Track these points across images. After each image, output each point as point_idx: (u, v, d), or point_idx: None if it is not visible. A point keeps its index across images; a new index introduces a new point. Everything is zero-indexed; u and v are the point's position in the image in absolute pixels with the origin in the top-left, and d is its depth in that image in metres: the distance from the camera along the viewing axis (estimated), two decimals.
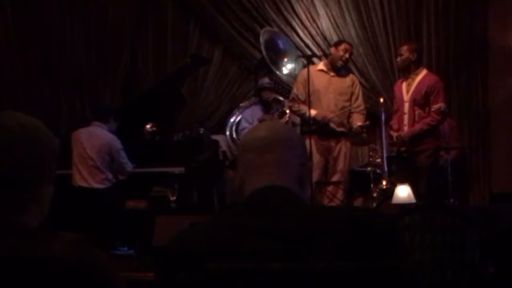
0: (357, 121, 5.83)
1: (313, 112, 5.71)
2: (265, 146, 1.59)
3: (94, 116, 5.99)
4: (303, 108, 5.80)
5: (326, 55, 6.97)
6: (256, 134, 1.64)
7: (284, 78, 6.74)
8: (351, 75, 6.13)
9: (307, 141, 5.53)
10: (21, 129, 1.39)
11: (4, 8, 7.21)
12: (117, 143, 5.73)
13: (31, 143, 1.39)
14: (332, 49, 6.00)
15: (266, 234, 1.45)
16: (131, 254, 5.10)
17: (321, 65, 6.01)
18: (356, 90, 5.99)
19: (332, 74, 5.89)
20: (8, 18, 7.20)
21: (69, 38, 7.37)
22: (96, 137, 5.69)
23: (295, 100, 5.91)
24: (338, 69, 5.91)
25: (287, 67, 6.78)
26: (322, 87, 5.82)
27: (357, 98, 5.96)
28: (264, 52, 6.58)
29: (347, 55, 5.92)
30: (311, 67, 5.94)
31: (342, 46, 5.93)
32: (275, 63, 6.67)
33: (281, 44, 6.84)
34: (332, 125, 5.78)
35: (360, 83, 7.05)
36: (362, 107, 5.97)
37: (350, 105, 5.91)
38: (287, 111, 6.45)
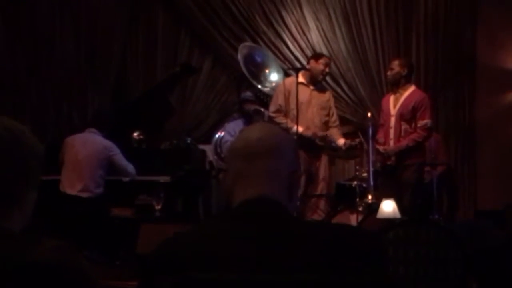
0: (337, 137, 5.88)
1: (300, 128, 5.68)
2: (253, 154, 1.56)
3: (91, 121, 5.96)
4: (288, 122, 5.77)
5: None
6: (246, 140, 1.60)
7: (268, 90, 6.72)
8: (327, 89, 6.20)
9: None
10: (6, 134, 1.39)
11: None
12: (113, 148, 5.69)
13: (16, 148, 1.39)
14: (312, 62, 5.97)
15: (251, 245, 1.45)
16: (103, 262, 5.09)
17: (300, 78, 5.91)
18: (332, 104, 6.08)
19: (312, 87, 5.89)
20: None
21: (58, 43, 7.35)
22: (92, 144, 5.63)
23: (280, 111, 5.88)
24: (316, 83, 5.91)
25: (271, 78, 6.77)
26: (305, 101, 5.81)
27: (333, 113, 6.04)
28: (243, 67, 6.59)
29: (327, 69, 5.95)
30: (291, 79, 5.96)
31: (322, 60, 5.94)
32: (256, 77, 6.67)
33: (258, 58, 6.84)
34: (317, 141, 5.80)
35: (348, 96, 7.12)
36: (338, 121, 6.07)
37: (328, 120, 5.96)
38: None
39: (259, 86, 6.61)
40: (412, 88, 5.77)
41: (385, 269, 1.52)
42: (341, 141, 5.83)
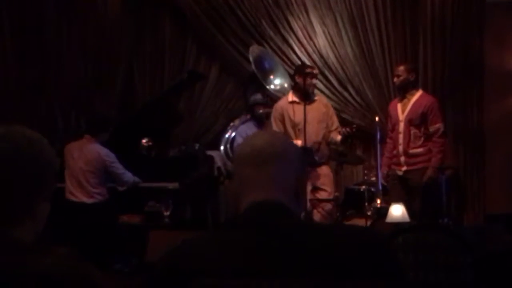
0: (335, 135, 5.82)
1: (298, 142, 5.62)
2: (260, 159, 1.57)
3: (87, 128, 5.95)
4: None
5: (322, 73, 6.99)
6: (252, 146, 1.61)
7: (273, 92, 6.73)
8: (322, 98, 6.13)
9: None
10: (28, 143, 1.40)
11: (2, 23, 7.22)
12: (109, 156, 5.65)
13: (35, 158, 1.40)
14: (297, 78, 5.88)
15: (258, 252, 1.45)
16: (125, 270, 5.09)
17: (291, 97, 5.90)
18: (331, 112, 6.00)
19: (305, 103, 5.75)
20: (6, 33, 7.21)
21: (66, 53, 7.38)
22: (87, 151, 5.62)
23: None
24: (309, 96, 5.84)
25: (275, 83, 6.79)
26: (300, 119, 5.66)
27: (333, 122, 5.95)
28: (254, 68, 6.61)
29: (314, 80, 5.90)
30: (282, 101, 5.95)
31: (307, 71, 5.86)
32: (263, 80, 6.69)
33: (266, 64, 6.86)
34: (316, 158, 5.74)
35: (356, 101, 7.11)
36: (337, 125, 5.96)
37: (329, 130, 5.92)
38: None
39: (268, 87, 6.62)
40: (419, 93, 5.77)
41: (397, 273, 1.50)
42: (338, 138, 5.80)
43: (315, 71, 6.01)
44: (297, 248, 1.45)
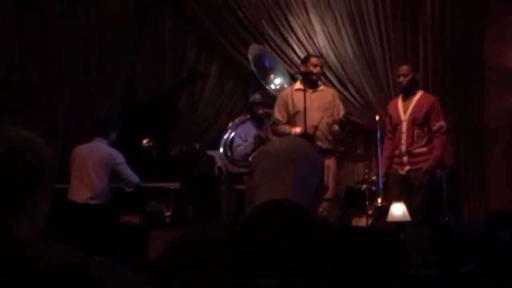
0: (335, 126, 5.74)
1: (297, 129, 5.63)
2: (285, 158, 1.61)
3: (94, 130, 5.99)
4: (286, 128, 5.72)
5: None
6: (280, 145, 1.67)
7: (273, 91, 6.69)
8: (329, 89, 6.11)
9: None
10: (23, 143, 1.40)
11: (3, 20, 7.22)
12: (118, 157, 5.73)
13: (31, 155, 1.40)
14: (302, 67, 5.89)
15: (267, 245, 1.44)
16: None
17: (298, 85, 5.89)
18: (337, 103, 5.94)
19: (310, 91, 5.77)
20: (7, 30, 7.20)
21: (67, 50, 7.37)
22: (97, 152, 5.69)
23: (277, 123, 5.81)
24: (315, 84, 5.84)
25: (275, 82, 6.75)
26: (302, 106, 5.62)
27: (339, 111, 5.87)
28: (253, 68, 6.57)
29: (318, 69, 5.87)
30: (287, 89, 5.90)
31: (310, 61, 5.86)
32: (263, 79, 6.64)
33: (267, 62, 6.80)
34: (319, 143, 5.72)
35: (356, 100, 7.10)
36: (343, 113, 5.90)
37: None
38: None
39: (267, 87, 6.58)
40: (420, 92, 5.78)
41: (406, 271, 1.52)
42: (336, 127, 5.73)
43: (316, 61, 5.95)
44: (308, 245, 1.44)
